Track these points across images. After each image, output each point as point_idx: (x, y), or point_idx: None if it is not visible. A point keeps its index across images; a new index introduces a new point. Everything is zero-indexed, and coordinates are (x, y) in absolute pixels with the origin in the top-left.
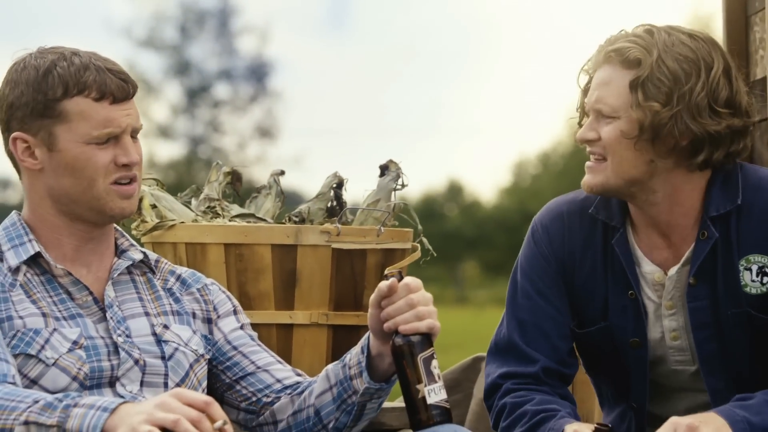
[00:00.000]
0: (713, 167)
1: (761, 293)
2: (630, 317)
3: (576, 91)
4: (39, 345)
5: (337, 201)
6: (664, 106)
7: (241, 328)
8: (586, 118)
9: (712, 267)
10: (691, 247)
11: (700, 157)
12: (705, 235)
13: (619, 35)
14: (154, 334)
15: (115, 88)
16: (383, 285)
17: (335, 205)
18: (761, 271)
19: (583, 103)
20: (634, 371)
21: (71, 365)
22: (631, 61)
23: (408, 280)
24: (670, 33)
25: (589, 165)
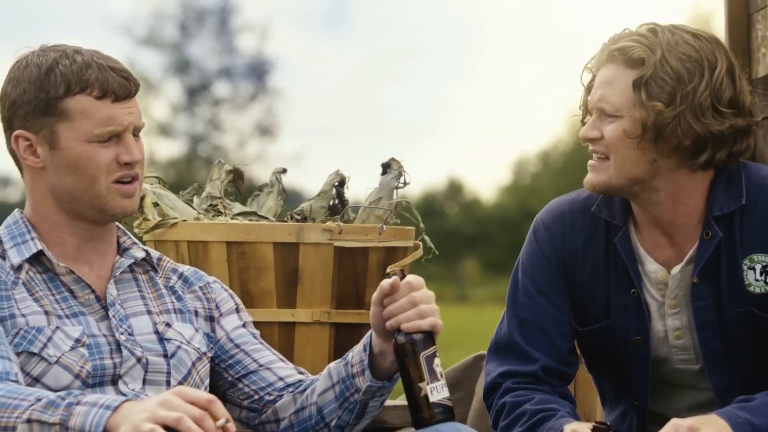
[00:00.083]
0: (716, 167)
1: (765, 292)
2: (632, 315)
3: (578, 89)
4: (41, 343)
5: (339, 199)
6: (668, 106)
7: (244, 326)
8: (589, 116)
9: (715, 266)
10: (695, 246)
11: (703, 157)
12: (709, 235)
13: (622, 34)
14: (157, 332)
15: (117, 86)
16: (385, 283)
17: (337, 204)
18: (765, 271)
19: (586, 102)
20: (636, 369)
21: (74, 363)
22: (635, 60)
23: (410, 278)
24: (674, 32)
25: (591, 164)
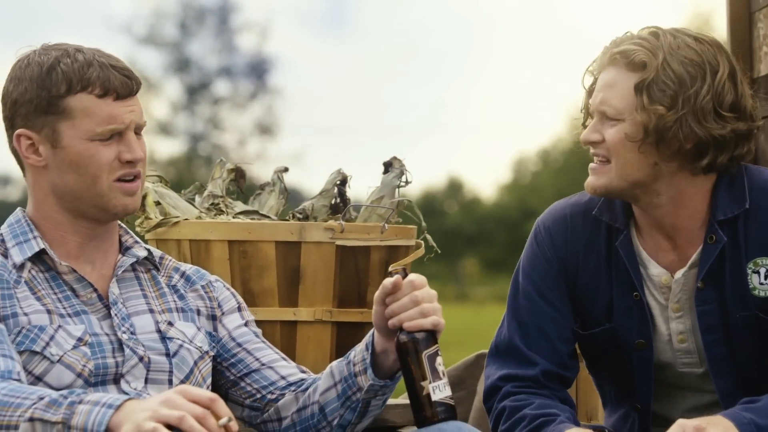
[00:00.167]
0: (717, 170)
1: None
2: (635, 318)
3: (579, 89)
4: (44, 342)
5: (341, 198)
6: (669, 110)
7: (246, 325)
8: (590, 119)
9: (720, 270)
10: (698, 249)
11: (705, 161)
12: (713, 239)
13: (624, 37)
14: (159, 331)
15: (119, 84)
16: (388, 282)
17: (339, 202)
18: None
19: (587, 104)
20: (638, 372)
21: (76, 362)
22: (637, 64)
23: (412, 277)
24: (676, 36)
25: (592, 167)
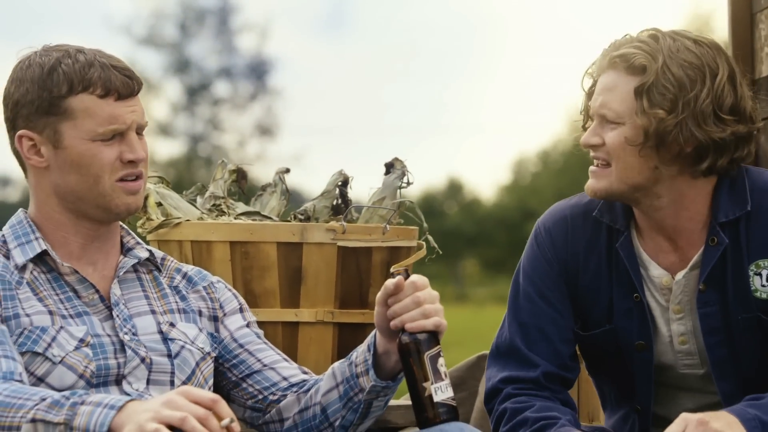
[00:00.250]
0: (717, 173)
1: None
2: (635, 320)
3: (579, 91)
4: (46, 343)
5: (343, 199)
6: (669, 113)
7: (247, 325)
8: (590, 122)
9: (721, 272)
10: (699, 251)
11: (705, 164)
12: (715, 241)
13: (623, 40)
14: (161, 332)
15: (120, 84)
16: (390, 283)
17: (340, 203)
18: None
19: (587, 107)
20: (638, 374)
21: (78, 363)
22: (636, 68)
23: (414, 277)
24: (675, 38)
25: (592, 170)
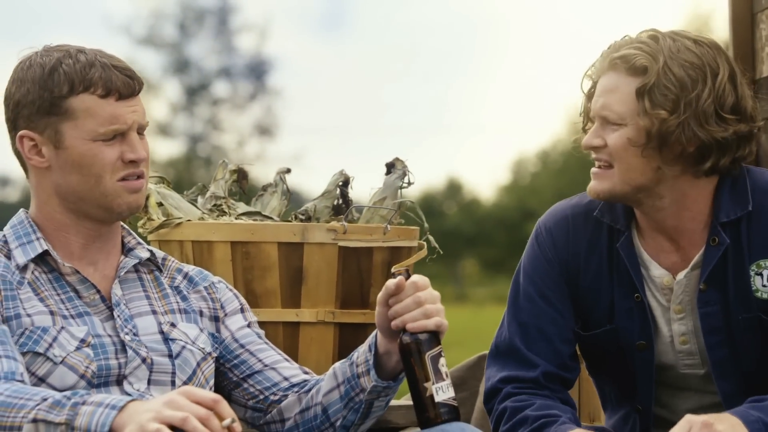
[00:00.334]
0: (720, 173)
1: None
2: (636, 320)
3: (579, 93)
4: (47, 343)
5: (343, 199)
6: (672, 114)
7: (248, 326)
8: (590, 123)
9: (722, 272)
10: (701, 251)
11: (708, 164)
12: (716, 241)
13: (623, 42)
14: (162, 333)
15: (121, 84)
16: (391, 283)
17: (341, 203)
18: None
19: (587, 109)
20: (639, 373)
21: (79, 363)
22: (637, 69)
23: (415, 278)
24: (675, 39)
25: (594, 171)
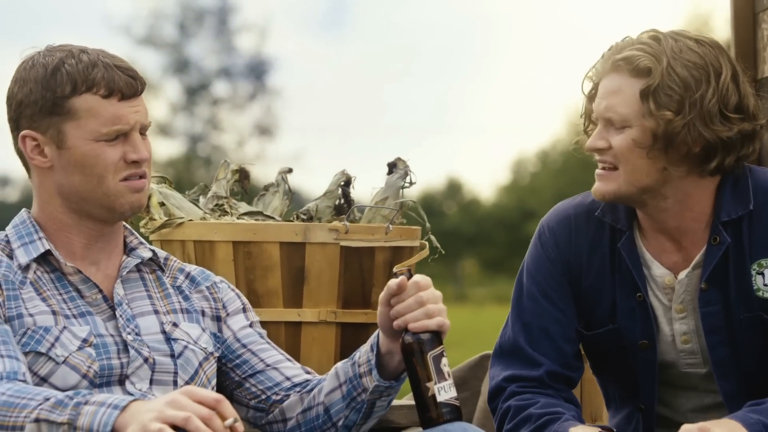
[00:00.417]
0: (724, 172)
1: None
2: (638, 319)
3: (579, 93)
4: (49, 343)
5: (345, 199)
6: (677, 115)
7: (251, 325)
8: (591, 125)
9: (723, 272)
10: (702, 250)
11: (713, 164)
12: (717, 240)
13: (624, 43)
14: (164, 332)
15: (124, 84)
16: (393, 283)
17: (343, 203)
18: None
19: (587, 111)
20: (642, 373)
21: (81, 363)
22: (641, 70)
23: (417, 277)
24: (677, 39)
25: (599, 173)
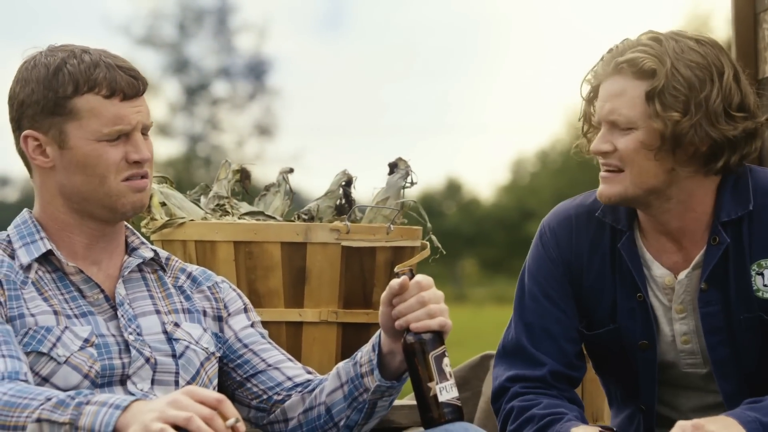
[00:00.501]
0: (729, 171)
1: None
2: (638, 319)
3: (578, 94)
4: (50, 343)
5: (346, 199)
6: (684, 115)
7: (252, 326)
8: (592, 128)
9: (723, 272)
10: (702, 250)
11: (720, 163)
12: (716, 241)
13: (624, 45)
14: (165, 332)
15: (125, 85)
16: (394, 283)
17: (344, 203)
18: None
19: (587, 113)
20: (642, 373)
21: (82, 363)
22: (645, 72)
23: (419, 277)
24: (678, 40)
25: (604, 176)
